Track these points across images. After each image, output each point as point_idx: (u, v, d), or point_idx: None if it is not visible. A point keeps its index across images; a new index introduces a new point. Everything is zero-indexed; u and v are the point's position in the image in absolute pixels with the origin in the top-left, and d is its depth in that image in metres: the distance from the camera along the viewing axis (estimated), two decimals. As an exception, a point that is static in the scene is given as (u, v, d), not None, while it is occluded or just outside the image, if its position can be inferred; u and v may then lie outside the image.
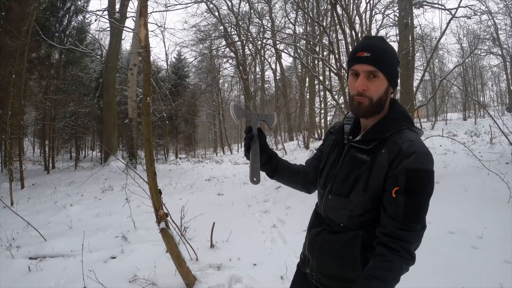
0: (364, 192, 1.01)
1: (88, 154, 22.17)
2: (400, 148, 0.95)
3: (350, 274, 1.07)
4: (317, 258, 1.16)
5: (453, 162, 6.67)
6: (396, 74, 1.06)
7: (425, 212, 0.97)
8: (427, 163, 0.95)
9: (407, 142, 0.96)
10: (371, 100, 1.02)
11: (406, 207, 0.94)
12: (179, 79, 21.06)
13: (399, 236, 0.95)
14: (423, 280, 2.69)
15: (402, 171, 0.94)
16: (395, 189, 0.95)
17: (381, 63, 1.01)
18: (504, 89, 25.36)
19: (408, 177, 0.93)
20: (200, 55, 21.45)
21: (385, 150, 0.98)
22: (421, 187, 0.94)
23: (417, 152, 0.94)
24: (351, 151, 1.09)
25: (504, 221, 3.65)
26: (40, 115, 15.16)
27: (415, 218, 0.95)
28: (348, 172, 1.07)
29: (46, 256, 3.47)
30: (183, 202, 4.97)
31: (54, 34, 13.76)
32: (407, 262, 0.96)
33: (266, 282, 2.81)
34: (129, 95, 11.57)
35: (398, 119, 1.04)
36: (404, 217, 0.94)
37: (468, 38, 19.45)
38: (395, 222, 0.95)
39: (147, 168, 2.64)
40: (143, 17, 2.52)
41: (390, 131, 1.01)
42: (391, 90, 1.07)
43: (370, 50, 1.01)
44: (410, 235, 0.95)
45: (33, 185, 8.98)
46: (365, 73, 1.01)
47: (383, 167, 0.97)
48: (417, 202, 0.95)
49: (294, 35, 13.34)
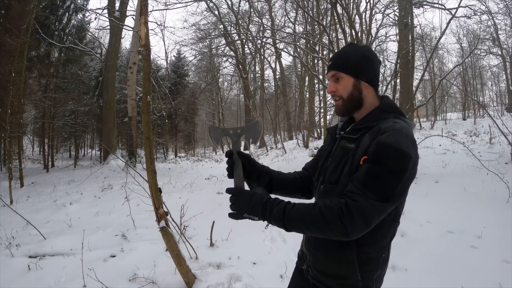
0: (349, 174, 1.04)
1: (87, 152, 22.16)
2: (380, 127, 1.01)
3: (346, 271, 1.07)
4: (313, 254, 1.18)
5: (453, 162, 6.68)
6: (363, 70, 1.12)
7: (389, 187, 0.94)
8: (402, 142, 0.95)
9: (389, 123, 1.01)
10: (342, 98, 1.13)
11: (366, 174, 0.96)
12: (178, 78, 21.06)
13: (350, 195, 0.96)
14: (422, 279, 2.70)
15: (374, 143, 0.98)
16: (364, 158, 1.00)
17: (340, 65, 1.13)
18: (504, 89, 25.41)
19: (377, 149, 0.96)
20: (199, 54, 21.44)
21: (368, 134, 1.04)
22: (388, 160, 0.94)
23: (394, 130, 0.98)
24: (341, 142, 1.15)
25: (503, 221, 3.66)
26: (39, 114, 15.15)
27: (371, 186, 0.94)
28: (338, 161, 1.11)
29: (45, 255, 3.47)
30: (182, 201, 4.97)
31: (54, 33, 13.74)
32: (343, 219, 0.93)
33: (265, 280, 2.82)
34: (129, 93, 11.56)
35: (386, 111, 1.10)
36: (362, 183, 0.96)
37: (468, 38, 19.49)
38: (352, 184, 0.98)
39: (147, 166, 2.64)
40: (143, 16, 2.52)
41: (377, 121, 1.06)
42: (364, 85, 1.13)
43: (332, 58, 1.17)
44: (360, 197, 0.94)
45: (32, 184, 8.97)
46: (332, 78, 1.16)
47: (364, 147, 1.02)
48: (380, 173, 0.95)
49: (294, 34, 13.34)
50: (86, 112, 16.34)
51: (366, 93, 1.13)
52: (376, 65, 1.16)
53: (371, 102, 1.13)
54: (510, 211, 3.88)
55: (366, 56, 1.14)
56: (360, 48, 1.16)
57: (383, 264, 1.11)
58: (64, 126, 16.09)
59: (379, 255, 1.09)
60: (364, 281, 1.07)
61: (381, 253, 1.09)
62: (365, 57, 1.13)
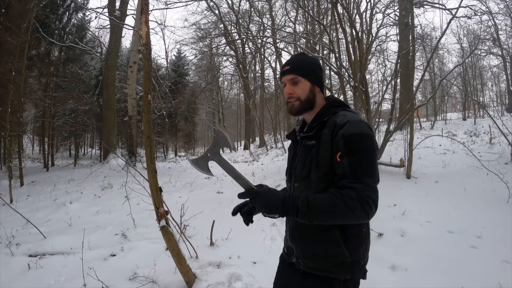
0: (317, 168, 1.16)
1: (87, 151, 22.17)
2: (335, 122, 1.15)
3: (334, 250, 1.16)
4: (300, 244, 1.26)
5: (453, 162, 6.68)
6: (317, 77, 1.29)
7: (371, 168, 1.08)
8: (360, 127, 1.11)
9: (341, 117, 1.15)
10: (299, 99, 1.26)
11: (351, 166, 1.07)
12: (179, 77, 21.03)
13: (354, 186, 1.05)
14: (422, 279, 2.70)
15: (340, 138, 1.10)
16: (338, 154, 1.10)
17: (298, 70, 1.27)
18: (504, 90, 25.34)
19: (345, 141, 1.09)
20: (200, 53, 21.39)
21: (326, 129, 1.17)
22: (359, 146, 1.09)
23: (349, 121, 1.12)
24: (302, 142, 1.28)
25: (503, 221, 3.66)
26: (39, 113, 15.14)
27: (362, 173, 1.06)
28: (304, 159, 1.23)
29: (45, 254, 3.47)
30: (182, 200, 4.97)
31: (54, 32, 13.72)
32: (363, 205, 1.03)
33: (266, 280, 2.81)
34: (129, 92, 11.55)
35: (333, 106, 1.26)
36: (352, 174, 1.07)
37: (468, 38, 19.44)
38: (346, 180, 1.07)
39: (147, 165, 2.64)
40: (144, 14, 2.52)
41: (327, 116, 1.21)
42: (317, 89, 1.29)
43: (290, 63, 1.29)
44: (363, 186, 1.05)
45: (32, 183, 8.97)
46: (289, 81, 1.28)
47: (327, 143, 1.14)
48: (360, 159, 1.08)
49: (294, 33, 13.33)
50: (86, 111, 16.33)
51: (318, 97, 1.29)
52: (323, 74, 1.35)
53: (320, 103, 1.29)
54: (510, 211, 3.88)
55: (318, 65, 1.31)
56: (313, 58, 1.33)
57: (365, 238, 1.21)
58: (64, 125, 16.08)
59: (360, 230, 1.19)
60: (352, 257, 1.16)
61: (361, 228, 1.20)
62: (318, 66, 1.31)
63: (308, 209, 1.05)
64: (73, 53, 14.89)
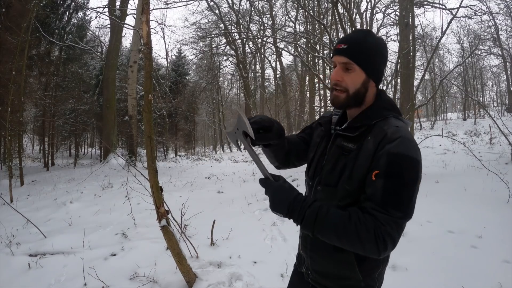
0: (350, 180, 0.98)
1: (87, 151, 22.17)
2: (385, 133, 0.94)
3: (346, 272, 1.04)
4: (310, 256, 1.14)
5: (453, 161, 6.68)
6: (376, 68, 1.04)
7: (407, 200, 0.90)
8: (412, 150, 0.91)
9: (392, 128, 0.95)
10: (347, 92, 1.02)
11: (385, 191, 0.89)
12: (179, 77, 21.05)
13: (377, 216, 0.90)
14: (422, 279, 2.70)
15: (383, 154, 0.91)
16: (375, 172, 0.92)
17: (356, 55, 0.99)
18: (504, 90, 25.35)
19: (389, 161, 0.90)
20: (200, 53, 21.38)
21: (371, 137, 0.97)
22: (402, 172, 0.90)
23: (402, 138, 0.92)
24: (337, 140, 1.07)
25: (504, 221, 3.66)
26: (39, 112, 15.16)
27: (393, 204, 0.89)
28: (335, 162, 1.04)
29: (46, 253, 3.47)
30: (183, 199, 4.97)
31: (54, 31, 13.73)
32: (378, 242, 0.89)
33: (266, 280, 2.82)
34: (129, 92, 11.56)
35: (385, 108, 1.03)
36: (381, 201, 0.90)
37: (469, 38, 19.47)
38: (372, 204, 0.91)
39: (148, 165, 2.64)
40: (145, 14, 2.51)
41: (376, 119, 1.00)
42: (372, 84, 1.04)
43: (348, 42, 1.01)
44: (387, 219, 0.89)
45: (32, 182, 8.97)
46: (341, 65, 1.02)
47: (369, 154, 0.95)
48: (397, 187, 0.89)
49: (295, 33, 13.33)
50: (87, 111, 16.34)
51: (370, 92, 1.05)
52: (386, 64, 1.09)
53: (369, 100, 1.06)
54: (510, 211, 3.88)
55: (383, 54, 1.05)
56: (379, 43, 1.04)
57: (384, 262, 1.07)
58: (64, 125, 16.10)
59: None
60: (366, 281, 1.04)
61: None
62: (382, 56, 1.05)
63: (314, 222, 0.93)
64: (73, 53, 14.91)
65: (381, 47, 1.04)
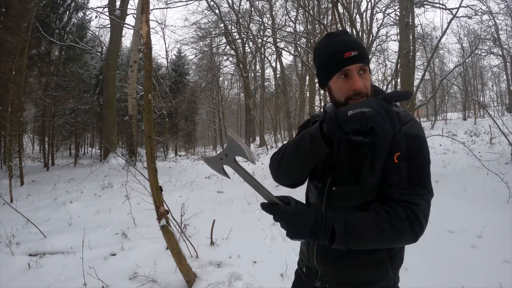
0: (373, 171, 0.95)
1: (87, 151, 22.18)
2: (399, 115, 0.96)
3: (380, 273, 1.01)
4: (332, 266, 1.06)
5: (453, 161, 6.67)
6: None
7: (428, 178, 0.94)
8: (422, 130, 0.97)
9: (402, 113, 0.98)
10: (367, 96, 0.96)
11: (410, 171, 0.91)
12: (179, 77, 21.06)
13: (406, 199, 0.90)
14: (423, 279, 2.70)
15: (402, 137, 0.93)
16: (397, 154, 0.93)
17: (367, 57, 0.98)
18: (504, 90, 25.34)
19: (409, 142, 0.93)
20: (200, 53, 21.38)
21: None
22: (421, 151, 0.94)
23: (413, 120, 0.97)
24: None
25: (504, 221, 3.66)
26: (39, 112, 15.16)
27: (419, 182, 0.91)
28: (350, 157, 0.99)
29: (46, 253, 3.47)
30: (183, 199, 4.97)
31: (54, 31, 13.72)
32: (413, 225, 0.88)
33: (266, 279, 2.82)
34: (129, 92, 11.55)
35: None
36: (408, 182, 0.90)
37: (469, 38, 19.43)
38: (399, 189, 0.91)
39: (148, 165, 2.64)
40: (145, 14, 2.51)
41: None
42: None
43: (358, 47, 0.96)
44: (417, 198, 0.90)
45: (32, 182, 8.97)
46: (358, 73, 0.96)
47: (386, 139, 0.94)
48: (420, 166, 0.93)
49: (295, 33, 13.33)
50: (87, 111, 16.35)
51: None
52: None
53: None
54: (510, 211, 3.88)
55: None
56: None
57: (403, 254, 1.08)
58: (64, 125, 16.10)
59: (401, 248, 1.06)
60: (394, 278, 1.04)
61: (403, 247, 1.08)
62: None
63: (346, 235, 0.86)
64: (73, 53, 14.90)
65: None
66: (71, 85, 15.14)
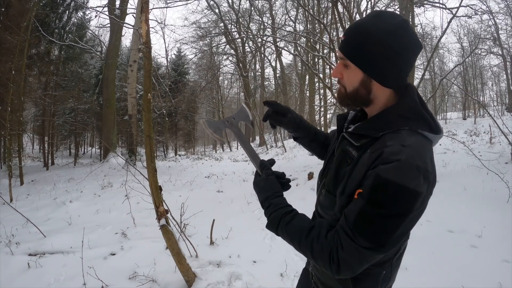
0: (342, 195, 0.85)
1: (87, 150, 22.17)
2: (382, 151, 0.77)
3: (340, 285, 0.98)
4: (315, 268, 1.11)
5: (453, 161, 6.67)
6: (379, 67, 0.81)
7: (383, 232, 0.76)
8: (408, 179, 0.73)
9: (396, 147, 0.76)
10: (345, 90, 0.89)
11: (359, 215, 0.77)
12: (179, 76, 21.06)
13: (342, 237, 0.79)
14: (422, 278, 2.70)
15: (372, 175, 0.76)
16: (359, 191, 0.78)
17: (349, 50, 0.83)
18: (504, 89, 25.36)
19: (375, 185, 0.75)
20: (200, 52, 21.42)
21: (370, 150, 0.81)
22: (387, 203, 0.74)
23: (400, 161, 0.73)
24: (343, 142, 0.94)
25: (503, 221, 3.66)
26: (39, 111, 15.15)
27: (363, 232, 0.76)
28: (337, 168, 0.92)
29: (45, 253, 3.47)
30: (182, 199, 4.96)
31: (54, 30, 13.71)
32: (331, 263, 0.80)
33: (266, 279, 2.82)
34: (129, 91, 11.54)
35: (402, 116, 0.82)
36: (353, 223, 0.77)
37: (469, 37, 19.44)
38: (345, 222, 0.80)
39: (147, 164, 2.64)
40: (144, 13, 2.51)
41: (384, 131, 0.82)
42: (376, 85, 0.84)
43: (347, 34, 0.84)
44: (349, 245, 0.77)
45: (32, 182, 8.97)
46: (341, 61, 0.87)
47: (363, 169, 0.80)
48: (374, 217, 0.75)
49: (295, 32, 13.32)
50: (86, 110, 16.34)
51: (378, 94, 0.86)
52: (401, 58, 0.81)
53: (383, 102, 0.87)
54: (510, 211, 3.88)
55: (388, 44, 0.79)
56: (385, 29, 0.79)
57: (384, 281, 0.95)
58: (64, 124, 16.10)
59: (378, 272, 0.93)
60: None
61: (381, 270, 0.93)
62: (385, 46, 0.79)
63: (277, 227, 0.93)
64: (73, 52, 14.89)
65: (388, 38, 0.79)
66: (71, 85, 15.14)
